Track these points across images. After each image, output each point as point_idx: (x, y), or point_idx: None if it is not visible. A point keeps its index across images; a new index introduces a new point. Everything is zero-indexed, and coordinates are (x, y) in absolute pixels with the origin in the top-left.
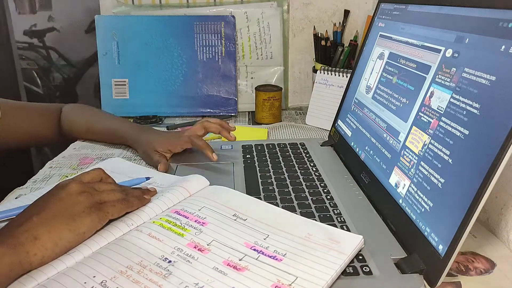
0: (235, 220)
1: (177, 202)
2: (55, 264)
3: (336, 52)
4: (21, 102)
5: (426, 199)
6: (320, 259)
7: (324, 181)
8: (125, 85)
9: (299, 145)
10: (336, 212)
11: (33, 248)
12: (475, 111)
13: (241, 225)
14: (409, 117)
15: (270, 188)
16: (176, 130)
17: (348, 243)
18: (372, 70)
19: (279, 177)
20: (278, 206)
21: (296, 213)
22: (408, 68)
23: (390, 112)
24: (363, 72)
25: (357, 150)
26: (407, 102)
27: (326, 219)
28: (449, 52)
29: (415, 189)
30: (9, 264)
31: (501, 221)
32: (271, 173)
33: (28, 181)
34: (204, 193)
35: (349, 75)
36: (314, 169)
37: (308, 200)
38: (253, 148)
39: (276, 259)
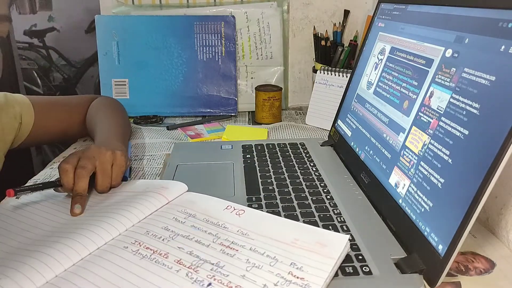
0: (217, 228)
1: (155, 210)
2: None
3: (336, 52)
4: (52, 97)
5: (426, 199)
6: (309, 267)
7: (324, 181)
8: (125, 85)
9: (299, 145)
10: (336, 212)
11: None
12: (475, 111)
13: (223, 235)
14: (409, 117)
15: (270, 188)
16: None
17: (335, 245)
18: (372, 68)
19: (279, 177)
20: (278, 207)
21: (296, 213)
22: (407, 69)
23: (390, 106)
24: (363, 72)
25: (357, 150)
26: (407, 102)
27: (326, 219)
28: (449, 52)
29: (415, 189)
30: None
31: (501, 221)
32: (271, 173)
33: (29, 181)
34: (182, 201)
35: (349, 75)
36: (314, 169)
37: (308, 200)
38: (253, 148)
39: (262, 268)
